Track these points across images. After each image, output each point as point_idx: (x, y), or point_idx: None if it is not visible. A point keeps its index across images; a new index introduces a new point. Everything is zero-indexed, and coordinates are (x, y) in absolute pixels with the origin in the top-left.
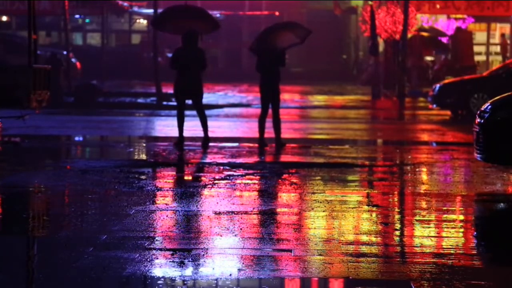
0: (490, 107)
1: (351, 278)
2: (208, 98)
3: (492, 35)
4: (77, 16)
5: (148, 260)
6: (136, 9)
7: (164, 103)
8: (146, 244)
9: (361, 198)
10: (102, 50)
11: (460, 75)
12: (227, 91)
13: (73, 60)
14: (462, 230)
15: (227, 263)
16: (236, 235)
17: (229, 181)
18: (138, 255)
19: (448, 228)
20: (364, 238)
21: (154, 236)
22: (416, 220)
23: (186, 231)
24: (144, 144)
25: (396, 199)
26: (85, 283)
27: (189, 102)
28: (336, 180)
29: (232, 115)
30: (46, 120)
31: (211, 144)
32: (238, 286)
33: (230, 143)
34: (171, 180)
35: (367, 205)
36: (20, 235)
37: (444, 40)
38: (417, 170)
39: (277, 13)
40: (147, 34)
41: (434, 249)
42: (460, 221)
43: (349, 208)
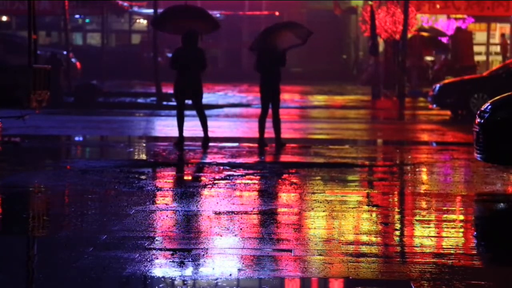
0: (490, 107)
1: (351, 278)
2: (208, 98)
3: (492, 35)
4: (77, 16)
5: (148, 260)
6: (136, 9)
7: (164, 103)
8: (146, 244)
9: (361, 198)
10: (102, 50)
11: (460, 75)
12: (227, 91)
13: (73, 60)
14: (462, 230)
15: (227, 263)
16: (236, 235)
17: (229, 181)
18: (138, 255)
19: (448, 228)
20: (364, 238)
21: (154, 236)
22: (416, 220)
23: (186, 231)
24: (144, 144)
25: (396, 199)
26: (85, 283)
27: (189, 102)
28: (336, 180)
29: (232, 115)
30: (46, 120)
31: (211, 144)
32: (238, 286)
33: (230, 143)
34: (171, 180)
35: (367, 205)
36: (20, 235)
37: (444, 40)
38: (417, 170)
39: (277, 13)
40: (147, 34)
41: (434, 249)
42: (460, 221)
43: (349, 208)
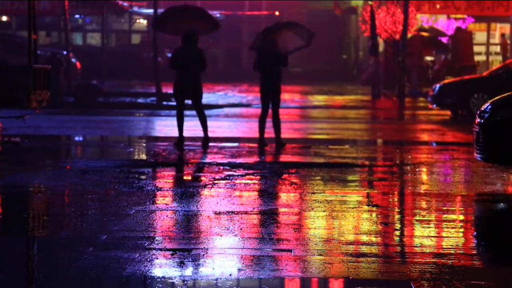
0: (490, 107)
1: (351, 278)
2: (208, 98)
3: (492, 35)
4: (77, 16)
5: (148, 260)
6: (136, 9)
7: (164, 103)
8: (146, 244)
9: (361, 198)
10: (102, 50)
11: (460, 75)
12: (227, 91)
13: (73, 60)
14: (462, 230)
15: (227, 263)
16: (236, 235)
17: (229, 181)
18: (138, 255)
19: (448, 228)
20: (364, 238)
21: (154, 236)
22: (416, 220)
23: (186, 231)
24: (144, 144)
25: (396, 199)
26: (85, 283)
27: (189, 102)
28: (336, 180)
29: (232, 115)
30: (46, 120)
31: (211, 144)
32: (238, 286)
33: (230, 143)
34: (171, 180)
35: (367, 205)
36: (20, 235)
37: (444, 40)
38: (417, 170)
39: (277, 13)
40: (147, 34)
41: (434, 249)
42: (460, 221)
43: (349, 208)
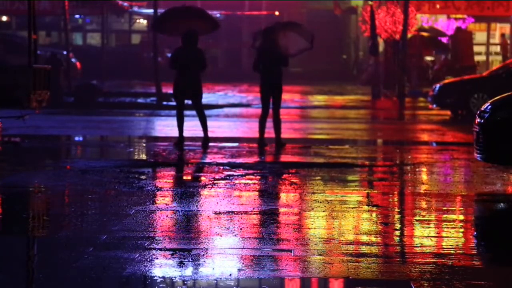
0: (490, 107)
1: (351, 278)
2: (208, 98)
3: (492, 35)
4: (77, 16)
5: (148, 260)
6: (136, 9)
7: (164, 103)
8: (146, 244)
9: (361, 198)
10: (102, 50)
11: (460, 75)
12: (227, 91)
13: (73, 60)
14: (462, 230)
15: (227, 263)
16: (236, 235)
17: (229, 181)
18: (138, 255)
19: (448, 228)
20: (364, 238)
21: (154, 236)
22: (416, 220)
23: (186, 231)
24: (144, 144)
25: (396, 199)
26: (85, 283)
27: (188, 102)
28: (336, 180)
29: (232, 115)
30: (46, 120)
31: (211, 144)
32: (238, 286)
33: (230, 143)
34: (171, 180)
35: (367, 205)
36: (20, 235)
37: (444, 40)
38: (417, 170)
39: (277, 13)
40: (147, 34)
41: (434, 249)
42: (460, 221)
43: (349, 208)
